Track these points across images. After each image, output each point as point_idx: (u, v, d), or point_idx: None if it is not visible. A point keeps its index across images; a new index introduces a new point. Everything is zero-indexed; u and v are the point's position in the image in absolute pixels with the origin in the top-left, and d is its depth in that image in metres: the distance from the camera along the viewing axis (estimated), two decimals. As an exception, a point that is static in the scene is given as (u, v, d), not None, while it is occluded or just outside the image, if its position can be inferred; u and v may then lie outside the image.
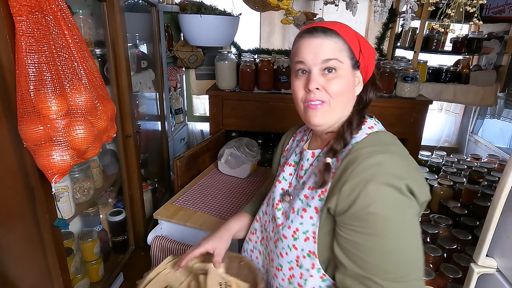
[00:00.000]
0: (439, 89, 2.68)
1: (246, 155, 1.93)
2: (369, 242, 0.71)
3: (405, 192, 0.70)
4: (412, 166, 0.75)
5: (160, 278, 0.99)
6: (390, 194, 0.70)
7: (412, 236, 0.73)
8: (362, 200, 0.70)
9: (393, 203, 0.70)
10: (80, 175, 1.36)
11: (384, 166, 0.71)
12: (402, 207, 0.71)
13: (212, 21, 2.06)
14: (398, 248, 0.71)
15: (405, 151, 0.78)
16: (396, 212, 0.71)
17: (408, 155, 0.78)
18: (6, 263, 1.13)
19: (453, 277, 1.34)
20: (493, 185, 1.91)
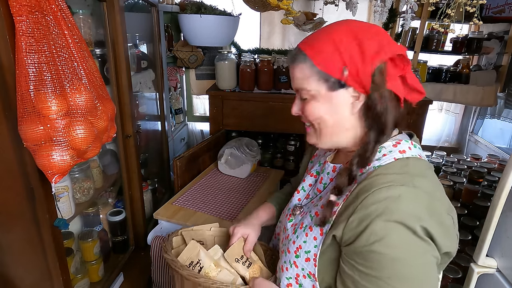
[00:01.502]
0: (439, 89, 2.68)
1: (246, 155, 1.93)
2: (369, 284, 0.64)
3: (421, 235, 0.61)
4: (440, 207, 0.64)
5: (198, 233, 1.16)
6: (401, 234, 0.61)
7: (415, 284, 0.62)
8: (368, 236, 0.62)
9: (403, 245, 0.61)
10: (80, 175, 1.36)
11: (401, 201, 0.61)
12: (415, 251, 0.62)
13: (212, 21, 2.06)
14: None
15: (436, 187, 0.67)
16: (405, 255, 0.62)
17: (440, 193, 0.66)
18: (6, 263, 1.13)
19: (453, 277, 1.35)
20: (493, 185, 1.91)
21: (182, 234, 1.14)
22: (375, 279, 0.63)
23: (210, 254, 1.00)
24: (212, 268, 0.97)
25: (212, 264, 0.98)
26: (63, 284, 1.14)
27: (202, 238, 1.16)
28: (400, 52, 0.68)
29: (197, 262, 0.98)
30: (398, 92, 0.70)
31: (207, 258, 0.98)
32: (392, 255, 0.62)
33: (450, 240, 0.64)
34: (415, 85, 0.71)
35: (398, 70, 0.69)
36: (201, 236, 1.16)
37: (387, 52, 0.67)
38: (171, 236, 1.11)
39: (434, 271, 0.65)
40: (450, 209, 0.66)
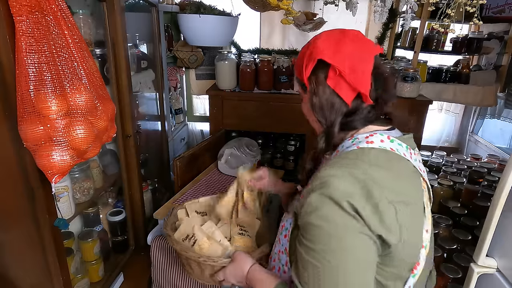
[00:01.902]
0: (439, 89, 2.68)
1: (246, 155, 1.93)
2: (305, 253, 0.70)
3: (348, 210, 0.65)
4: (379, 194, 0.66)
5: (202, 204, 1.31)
6: (329, 208, 0.66)
7: (347, 260, 0.66)
8: (306, 207, 0.69)
9: (331, 218, 0.66)
10: (80, 175, 1.36)
11: (337, 179, 0.67)
12: (342, 225, 0.66)
13: (210, 21, 2.06)
14: (327, 268, 0.67)
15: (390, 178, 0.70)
16: (334, 228, 0.66)
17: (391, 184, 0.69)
18: (6, 263, 1.13)
19: (453, 277, 1.34)
20: (493, 185, 1.91)
21: (185, 207, 1.25)
22: (312, 252, 0.69)
23: (203, 229, 1.14)
24: (204, 241, 1.10)
25: (205, 238, 1.10)
26: (63, 284, 1.14)
27: (205, 210, 1.28)
28: (318, 58, 0.76)
29: (192, 235, 1.11)
30: (338, 90, 0.76)
31: (200, 233, 1.11)
32: (324, 228, 0.67)
33: (385, 227, 0.66)
34: (357, 86, 0.75)
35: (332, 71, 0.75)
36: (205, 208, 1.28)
37: (314, 59, 0.76)
38: (175, 210, 1.23)
39: (364, 248, 0.67)
40: (399, 201, 0.68)
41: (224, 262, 1.00)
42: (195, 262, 1.04)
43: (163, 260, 1.50)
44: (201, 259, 1.01)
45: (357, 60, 0.75)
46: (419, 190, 0.77)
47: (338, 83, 0.75)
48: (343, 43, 0.76)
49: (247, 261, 0.93)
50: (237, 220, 1.19)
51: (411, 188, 0.74)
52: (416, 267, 0.75)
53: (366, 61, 0.76)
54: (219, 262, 1.00)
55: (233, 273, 0.96)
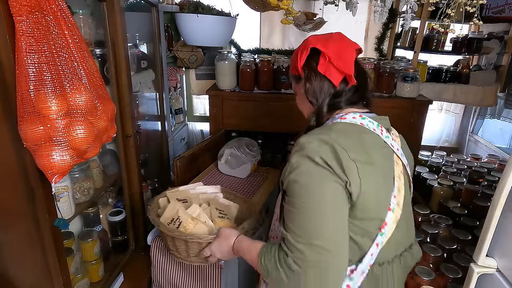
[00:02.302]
0: (439, 89, 2.68)
1: (246, 155, 1.93)
2: (289, 206, 0.83)
3: (321, 163, 0.80)
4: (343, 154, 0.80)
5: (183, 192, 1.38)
6: (307, 164, 0.81)
7: (321, 206, 0.80)
8: (289, 169, 0.84)
9: (308, 172, 0.81)
10: (80, 175, 1.36)
11: (311, 143, 0.82)
12: (317, 177, 0.80)
13: (208, 21, 2.06)
14: (306, 212, 0.80)
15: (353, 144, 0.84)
16: (310, 180, 0.81)
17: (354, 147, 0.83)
18: (6, 263, 1.13)
19: (453, 277, 1.34)
20: (493, 185, 1.91)
21: (167, 195, 1.35)
22: (293, 203, 0.82)
23: (188, 211, 1.23)
24: (189, 222, 1.19)
25: (189, 219, 1.19)
26: (63, 284, 1.14)
27: (186, 197, 1.36)
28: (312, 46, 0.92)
29: (177, 218, 1.20)
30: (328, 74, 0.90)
31: (184, 215, 1.20)
32: (302, 181, 0.81)
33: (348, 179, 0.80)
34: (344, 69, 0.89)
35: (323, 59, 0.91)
36: (186, 195, 1.37)
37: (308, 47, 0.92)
38: (157, 198, 1.31)
39: (337, 195, 0.81)
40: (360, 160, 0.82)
41: (210, 238, 1.08)
42: (181, 242, 1.12)
43: (163, 260, 1.50)
44: (188, 237, 1.10)
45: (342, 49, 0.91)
46: (386, 159, 0.90)
47: (328, 68, 0.90)
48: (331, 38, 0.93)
49: (232, 233, 1.04)
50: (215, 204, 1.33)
51: (375, 154, 0.86)
52: (383, 226, 0.86)
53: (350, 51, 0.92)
54: (205, 238, 1.09)
55: (219, 247, 1.05)
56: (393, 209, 0.87)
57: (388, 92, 2.11)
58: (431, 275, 1.35)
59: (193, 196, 1.38)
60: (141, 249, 1.75)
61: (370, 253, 0.85)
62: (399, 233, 0.90)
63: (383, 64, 2.14)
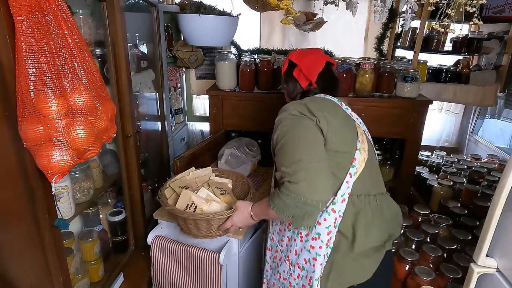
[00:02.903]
0: (439, 89, 2.68)
1: (246, 155, 1.93)
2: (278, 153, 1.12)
3: (298, 114, 1.14)
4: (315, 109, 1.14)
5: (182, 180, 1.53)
6: (288, 118, 1.15)
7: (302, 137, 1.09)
8: (275, 125, 1.18)
9: (289, 122, 1.14)
10: (80, 175, 1.36)
11: (290, 105, 1.19)
12: (297, 123, 1.12)
13: (210, 21, 2.06)
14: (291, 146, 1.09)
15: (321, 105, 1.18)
16: (290, 125, 1.13)
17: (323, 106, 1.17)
18: (6, 263, 1.13)
19: (453, 277, 1.35)
20: (493, 185, 1.91)
21: (170, 185, 1.48)
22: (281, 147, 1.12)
23: (199, 194, 1.40)
24: (203, 204, 1.35)
25: (203, 201, 1.36)
26: (63, 284, 1.14)
27: (186, 184, 1.50)
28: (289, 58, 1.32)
29: (191, 203, 1.35)
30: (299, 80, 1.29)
31: (198, 199, 1.36)
32: (285, 128, 1.13)
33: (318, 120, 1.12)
34: (306, 75, 1.27)
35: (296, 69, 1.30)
36: (185, 182, 1.51)
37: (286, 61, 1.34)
38: (163, 190, 1.43)
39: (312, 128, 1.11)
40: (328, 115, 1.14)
41: (229, 212, 1.28)
42: (203, 222, 1.29)
43: (163, 260, 1.50)
44: (210, 216, 1.26)
45: (311, 62, 1.28)
46: (347, 118, 1.22)
47: (299, 75, 1.29)
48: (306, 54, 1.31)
49: (247, 203, 1.28)
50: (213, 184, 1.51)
51: (337, 110, 1.21)
52: (353, 160, 1.14)
53: (317, 64, 1.27)
54: (225, 214, 1.27)
55: (240, 217, 1.27)
56: (359, 150, 1.16)
57: (388, 92, 2.11)
58: (431, 275, 1.35)
59: (191, 182, 1.53)
60: (141, 249, 1.75)
61: (345, 181, 1.12)
62: (369, 176, 1.18)
63: (383, 64, 2.14)
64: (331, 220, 1.11)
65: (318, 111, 1.13)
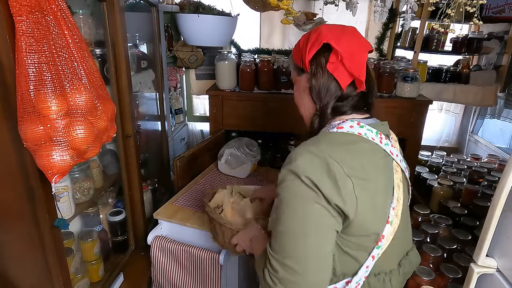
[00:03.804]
0: (439, 89, 2.68)
1: (246, 155, 1.93)
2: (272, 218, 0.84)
3: (307, 182, 0.74)
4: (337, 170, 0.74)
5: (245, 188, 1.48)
6: (292, 180, 0.76)
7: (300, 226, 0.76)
8: (277, 182, 0.81)
9: (292, 189, 0.77)
10: (80, 175, 1.36)
11: (300, 157, 0.77)
12: (300, 195, 0.76)
13: (209, 21, 2.06)
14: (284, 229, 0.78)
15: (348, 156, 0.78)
16: (292, 197, 0.77)
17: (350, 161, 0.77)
18: (6, 263, 1.13)
19: (453, 277, 1.34)
20: (493, 185, 1.91)
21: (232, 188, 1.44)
22: (277, 220, 0.80)
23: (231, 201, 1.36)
24: (228, 211, 1.31)
25: (229, 208, 1.32)
26: (63, 284, 1.14)
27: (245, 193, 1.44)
28: (325, 41, 0.83)
29: (221, 205, 1.34)
30: (336, 75, 0.83)
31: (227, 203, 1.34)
32: (285, 197, 0.78)
33: (342, 197, 0.74)
34: (354, 72, 0.82)
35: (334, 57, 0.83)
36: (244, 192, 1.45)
37: (320, 42, 0.83)
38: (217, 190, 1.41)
39: (319, 217, 0.76)
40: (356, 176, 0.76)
41: (237, 227, 1.16)
42: (218, 225, 1.21)
43: (163, 260, 1.50)
44: (221, 221, 1.19)
45: (356, 49, 0.83)
46: (385, 170, 0.85)
47: (337, 68, 0.83)
48: (344, 34, 0.84)
49: (253, 228, 1.08)
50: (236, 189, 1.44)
51: (373, 168, 0.81)
52: (380, 239, 0.82)
53: (362, 52, 0.85)
54: (234, 226, 1.17)
55: (243, 237, 1.11)
56: (391, 222, 0.83)
57: (388, 92, 2.11)
58: (431, 275, 1.35)
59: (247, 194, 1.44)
60: (141, 249, 1.75)
61: (365, 266, 0.84)
62: (397, 243, 0.87)
63: (383, 64, 2.14)
64: None
65: (347, 178, 0.75)
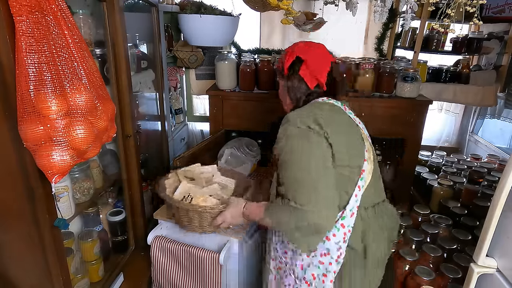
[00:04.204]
0: (439, 89, 2.68)
1: (246, 155, 1.93)
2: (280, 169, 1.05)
3: (303, 127, 1.02)
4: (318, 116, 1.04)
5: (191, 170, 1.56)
6: (291, 129, 1.04)
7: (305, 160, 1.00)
8: (277, 141, 1.07)
9: (293, 134, 1.03)
10: (80, 175, 1.36)
11: (295, 117, 1.06)
12: (299, 136, 1.02)
13: (211, 21, 2.06)
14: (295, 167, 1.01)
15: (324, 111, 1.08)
16: (293, 139, 1.03)
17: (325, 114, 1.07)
18: (6, 263, 1.13)
19: (453, 277, 1.35)
20: (493, 185, 1.91)
21: (176, 172, 1.51)
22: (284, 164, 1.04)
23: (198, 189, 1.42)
24: (198, 198, 1.36)
25: (198, 195, 1.38)
26: (63, 284, 1.14)
27: (192, 176, 1.53)
28: (297, 55, 1.14)
29: (188, 195, 1.38)
30: (305, 78, 1.14)
31: (194, 191, 1.40)
32: (289, 142, 1.03)
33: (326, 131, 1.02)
34: (317, 76, 1.13)
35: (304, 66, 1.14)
36: (191, 174, 1.54)
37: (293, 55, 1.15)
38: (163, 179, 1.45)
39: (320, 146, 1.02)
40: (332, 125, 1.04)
41: (220, 208, 1.25)
42: (195, 213, 1.27)
43: (163, 260, 1.50)
44: (200, 209, 1.24)
45: (320, 61, 1.14)
46: (352, 125, 1.14)
47: (306, 73, 1.14)
48: (313, 48, 1.16)
49: (240, 201, 1.23)
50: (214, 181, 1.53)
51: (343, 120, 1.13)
52: (362, 172, 1.08)
53: (325, 63, 1.15)
54: (216, 209, 1.25)
55: (231, 214, 1.22)
56: (368, 161, 1.10)
57: (388, 92, 2.11)
58: (431, 275, 1.35)
59: (197, 175, 1.54)
60: (141, 249, 1.75)
61: (354, 194, 1.07)
62: (374, 185, 1.13)
63: (383, 64, 2.14)
64: (341, 236, 1.06)
65: (327, 123, 1.03)
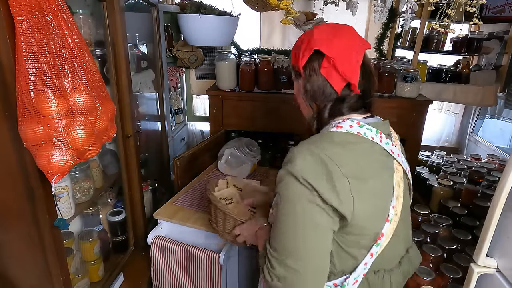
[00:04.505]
0: (439, 89, 2.68)
1: (246, 155, 1.93)
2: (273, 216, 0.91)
3: (304, 183, 0.76)
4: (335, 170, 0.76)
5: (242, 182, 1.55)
6: (288, 180, 0.78)
7: (296, 225, 0.78)
8: (276, 180, 0.83)
9: (288, 188, 0.79)
10: (80, 175, 1.36)
11: (297, 157, 0.78)
12: (295, 193, 0.78)
13: (211, 21, 2.06)
14: (282, 228, 0.80)
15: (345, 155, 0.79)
16: (288, 195, 0.79)
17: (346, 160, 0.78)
18: (6, 263, 1.13)
19: (453, 277, 1.34)
20: (493, 185, 1.91)
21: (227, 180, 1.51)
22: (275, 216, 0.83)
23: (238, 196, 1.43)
24: (234, 205, 1.37)
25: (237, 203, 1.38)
26: (63, 284, 1.14)
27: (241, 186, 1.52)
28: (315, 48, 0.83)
29: (230, 198, 1.40)
30: (330, 80, 0.84)
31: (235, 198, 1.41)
32: (283, 195, 0.80)
33: (338, 197, 0.76)
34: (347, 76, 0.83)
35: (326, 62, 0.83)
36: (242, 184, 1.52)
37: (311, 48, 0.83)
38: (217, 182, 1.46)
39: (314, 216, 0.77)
40: (353, 176, 0.77)
41: (243, 219, 1.19)
42: (221, 214, 1.24)
43: (163, 260, 1.50)
44: (227, 210, 1.22)
45: (349, 52, 0.82)
46: (384, 169, 0.86)
47: (330, 72, 0.83)
48: (338, 36, 0.83)
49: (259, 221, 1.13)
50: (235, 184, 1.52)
51: (371, 166, 0.83)
52: (380, 237, 0.83)
53: (356, 55, 0.83)
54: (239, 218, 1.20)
55: (246, 229, 1.14)
56: (390, 220, 0.84)
57: (388, 92, 2.11)
58: (431, 275, 1.35)
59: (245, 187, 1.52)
60: (141, 249, 1.75)
61: (363, 263, 0.84)
62: (396, 241, 0.88)
63: (383, 64, 2.14)
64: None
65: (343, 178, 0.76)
